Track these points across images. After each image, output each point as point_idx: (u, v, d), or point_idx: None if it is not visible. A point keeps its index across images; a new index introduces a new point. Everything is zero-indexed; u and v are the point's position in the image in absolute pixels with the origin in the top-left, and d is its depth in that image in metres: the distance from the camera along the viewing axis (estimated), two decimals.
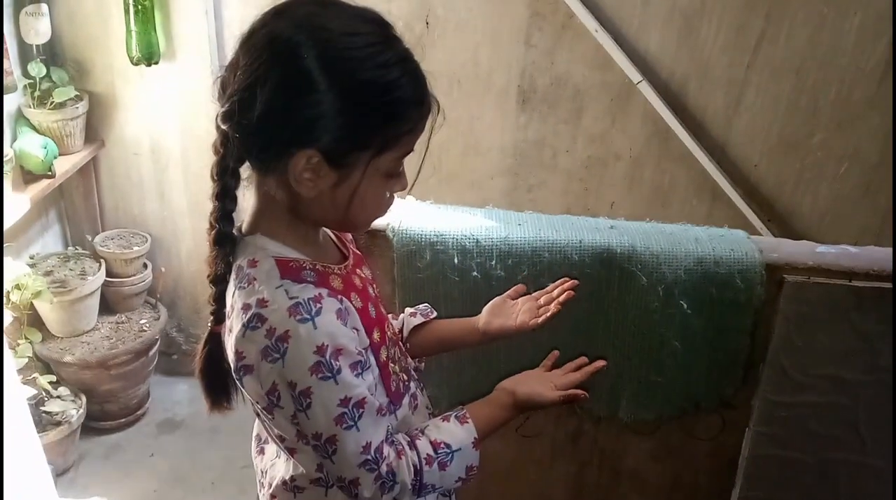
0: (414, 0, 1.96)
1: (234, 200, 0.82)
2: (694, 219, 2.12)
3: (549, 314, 1.01)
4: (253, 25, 0.75)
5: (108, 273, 2.10)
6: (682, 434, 1.38)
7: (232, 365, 0.80)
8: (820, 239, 1.56)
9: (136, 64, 1.94)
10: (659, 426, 1.37)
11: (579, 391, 0.95)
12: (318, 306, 0.76)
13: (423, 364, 1.09)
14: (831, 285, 1.21)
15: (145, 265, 2.22)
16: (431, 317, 1.08)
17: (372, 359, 0.83)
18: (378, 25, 0.76)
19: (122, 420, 2.16)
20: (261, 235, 0.82)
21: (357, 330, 0.80)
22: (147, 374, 2.20)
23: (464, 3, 1.96)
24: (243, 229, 0.84)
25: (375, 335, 0.85)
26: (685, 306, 1.23)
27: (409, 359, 1.00)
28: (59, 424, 1.88)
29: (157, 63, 1.96)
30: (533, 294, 1.07)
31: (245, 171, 0.80)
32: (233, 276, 0.82)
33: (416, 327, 1.07)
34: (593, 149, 2.13)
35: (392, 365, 0.90)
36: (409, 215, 1.27)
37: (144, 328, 2.16)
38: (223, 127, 0.76)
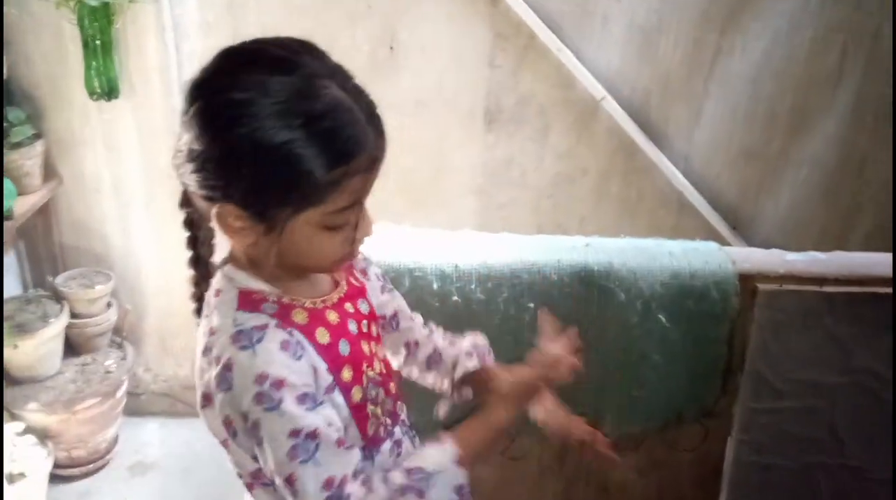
0: (378, 25, 1.96)
1: (202, 227, 0.82)
2: (662, 229, 2.17)
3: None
4: (191, 80, 0.74)
5: (72, 314, 2.04)
6: (666, 447, 1.39)
7: (196, 397, 0.79)
8: (783, 243, 1.60)
9: (97, 100, 1.90)
10: (643, 439, 1.37)
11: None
12: (261, 334, 0.74)
13: (468, 395, 1.03)
14: (803, 292, 1.24)
15: (109, 304, 2.15)
16: (488, 360, 1.02)
17: (339, 399, 0.80)
18: (301, 76, 0.71)
19: (92, 466, 2.08)
20: (230, 267, 0.81)
21: (316, 368, 0.77)
22: (115, 416, 2.13)
23: (427, 27, 1.97)
24: (222, 260, 0.84)
25: (346, 374, 0.81)
26: (663, 319, 1.24)
27: (400, 402, 0.94)
28: (24, 475, 1.80)
29: (116, 98, 1.93)
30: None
31: None
32: (204, 304, 0.82)
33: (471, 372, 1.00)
34: (561, 165, 2.15)
35: (371, 407, 0.85)
36: (385, 243, 1.26)
37: (111, 369, 2.09)
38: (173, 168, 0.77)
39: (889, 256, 1.31)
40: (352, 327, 0.85)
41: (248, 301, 0.78)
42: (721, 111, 2.08)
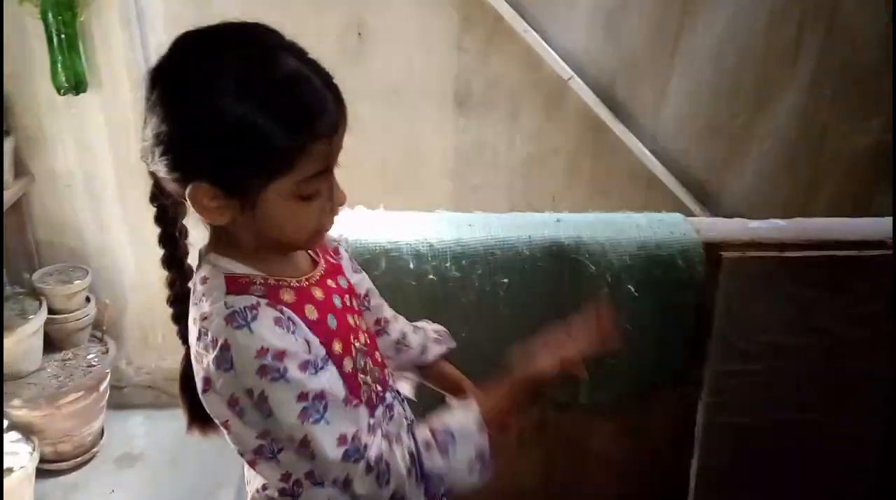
0: (345, 13, 1.97)
1: (175, 223, 0.83)
2: (632, 206, 2.20)
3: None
4: (151, 68, 0.76)
5: (50, 310, 2.04)
6: (641, 412, 1.45)
7: (197, 383, 0.81)
8: (749, 215, 1.66)
9: (64, 94, 1.89)
10: (618, 406, 1.42)
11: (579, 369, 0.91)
12: (255, 312, 0.76)
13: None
14: (765, 258, 1.29)
15: (88, 299, 2.15)
16: (448, 347, 1.08)
17: (333, 370, 0.83)
18: (258, 47, 0.74)
19: (79, 459, 2.09)
20: (214, 254, 0.83)
21: (309, 342, 0.80)
22: (100, 409, 2.14)
23: (394, 12, 1.98)
24: (204, 248, 0.85)
25: (336, 346, 0.84)
26: (633, 289, 1.29)
27: (388, 370, 0.98)
28: (11, 470, 1.81)
29: (84, 92, 1.92)
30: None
31: None
32: (191, 292, 0.84)
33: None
34: (532, 146, 2.19)
35: (362, 376, 0.88)
36: (361, 225, 1.28)
37: (93, 363, 2.10)
38: (143, 162, 0.78)
39: (845, 220, 1.38)
40: (336, 301, 0.88)
41: (235, 285, 0.80)
42: (686, 88, 2.13)
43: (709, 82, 2.12)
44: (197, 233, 0.87)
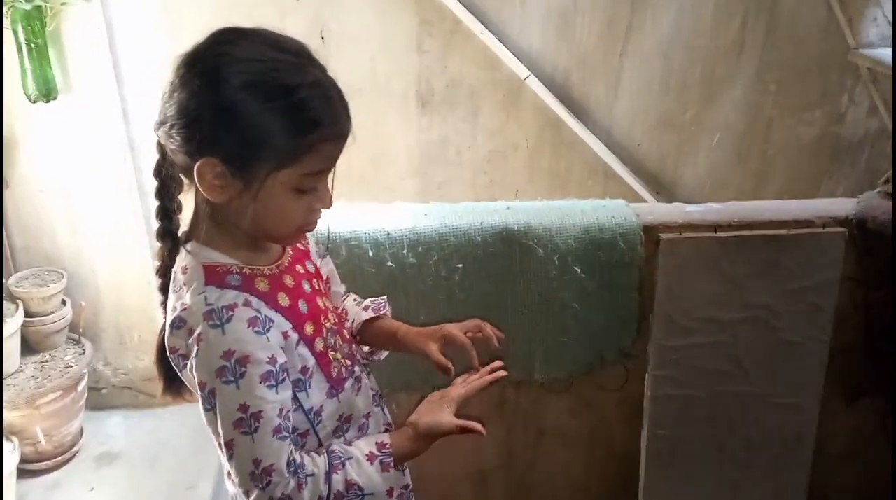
0: (308, 16, 2.05)
1: (173, 198, 0.89)
2: (591, 198, 2.31)
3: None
4: (187, 52, 0.84)
5: (27, 313, 2.08)
6: (594, 388, 1.53)
7: (170, 357, 0.88)
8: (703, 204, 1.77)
9: (35, 101, 1.93)
10: (571, 382, 1.51)
11: (476, 425, 0.95)
12: (230, 314, 0.83)
13: (380, 356, 1.13)
14: (700, 238, 1.38)
15: (64, 302, 2.20)
16: (382, 312, 1.11)
17: (305, 351, 0.90)
18: (290, 54, 0.83)
19: (59, 459, 2.13)
20: (194, 243, 0.90)
21: (286, 334, 0.87)
22: (78, 410, 2.18)
23: (355, 16, 2.06)
24: (182, 238, 0.92)
25: (308, 329, 0.91)
26: (579, 270, 1.37)
27: (354, 345, 1.06)
28: None
29: (55, 99, 1.96)
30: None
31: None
32: (171, 280, 0.90)
33: (368, 321, 1.10)
34: (493, 143, 2.28)
35: (332, 353, 0.95)
36: (322, 216, 1.35)
37: (70, 364, 2.14)
38: (155, 134, 0.85)
39: (774, 202, 1.48)
40: (305, 286, 0.95)
41: (213, 275, 0.86)
42: (637, 84, 2.23)
43: (658, 78, 2.22)
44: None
